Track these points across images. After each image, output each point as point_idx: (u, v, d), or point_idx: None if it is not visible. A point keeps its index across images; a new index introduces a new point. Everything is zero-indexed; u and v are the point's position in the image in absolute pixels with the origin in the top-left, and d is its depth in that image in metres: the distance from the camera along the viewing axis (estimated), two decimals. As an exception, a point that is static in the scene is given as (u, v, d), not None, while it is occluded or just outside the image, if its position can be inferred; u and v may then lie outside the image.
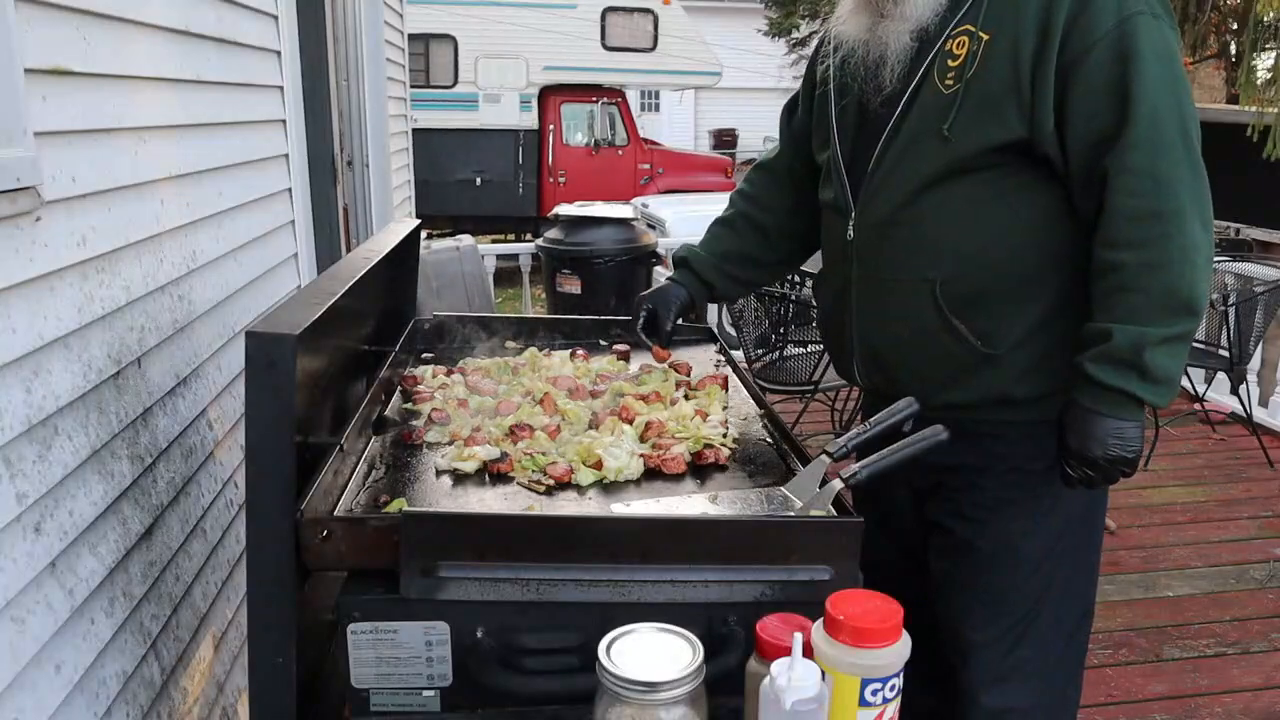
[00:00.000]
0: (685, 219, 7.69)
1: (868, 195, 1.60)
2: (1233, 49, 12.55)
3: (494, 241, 9.80)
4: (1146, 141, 1.37)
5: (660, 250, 6.30)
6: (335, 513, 1.30)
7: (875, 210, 1.59)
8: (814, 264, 1.89)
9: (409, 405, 1.72)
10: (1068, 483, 1.49)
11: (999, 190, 1.50)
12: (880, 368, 1.67)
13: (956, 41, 1.48)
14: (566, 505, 1.38)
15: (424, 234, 2.86)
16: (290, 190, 2.81)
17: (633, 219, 6.11)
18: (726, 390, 1.80)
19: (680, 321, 1.93)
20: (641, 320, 1.89)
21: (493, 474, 1.46)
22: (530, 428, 1.57)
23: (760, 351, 4.39)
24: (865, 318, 1.65)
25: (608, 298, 5.72)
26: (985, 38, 1.45)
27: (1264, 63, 9.77)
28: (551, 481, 1.42)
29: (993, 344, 1.53)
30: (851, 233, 1.64)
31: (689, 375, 1.87)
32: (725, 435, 1.57)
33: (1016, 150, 1.46)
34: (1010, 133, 1.45)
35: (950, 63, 1.48)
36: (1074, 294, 1.49)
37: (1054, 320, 1.51)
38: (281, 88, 2.74)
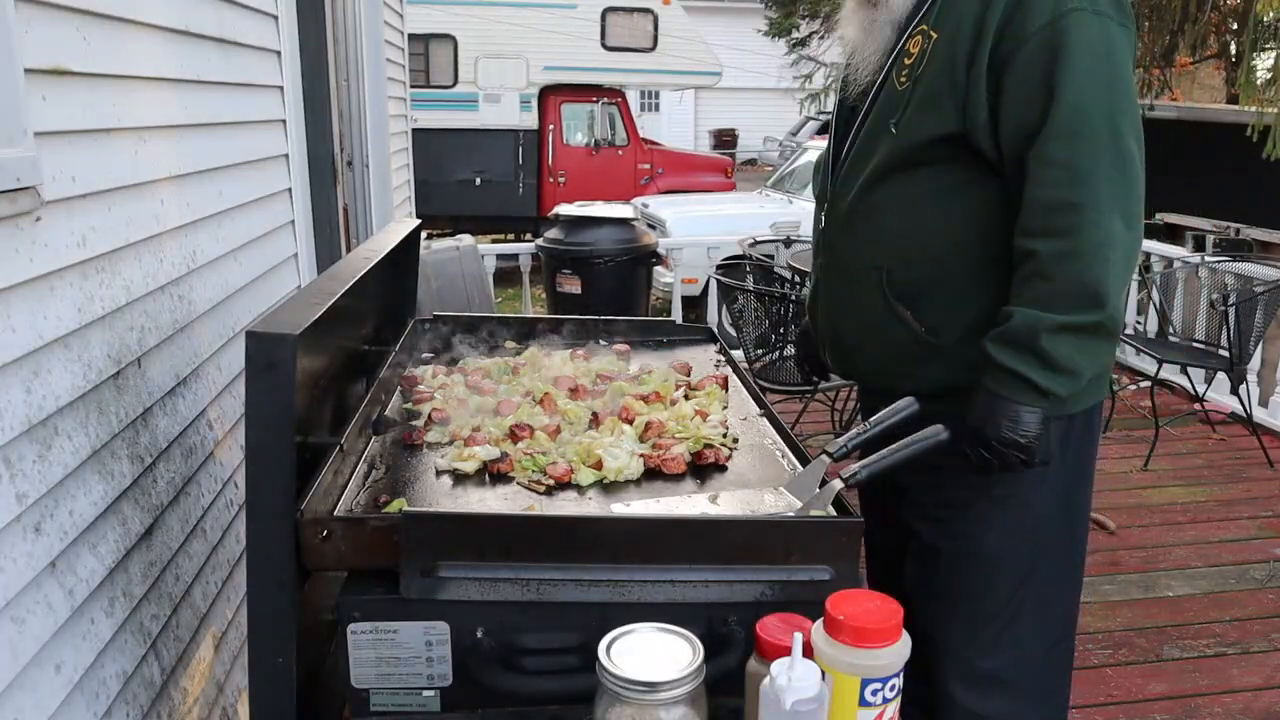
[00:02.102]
0: (685, 219, 7.68)
1: (836, 186, 1.66)
2: (1233, 49, 12.54)
3: (494, 241, 9.79)
4: (1067, 134, 1.38)
5: (660, 250, 6.30)
6: (335, 513, 1.30)
7: (841, 201, 1.65)
8: (809, 261, 1.93)
9: (409, 405, 1.72)
10: (968, 466, 1.49)
11: (944, 185, 1.53)
12: (844, 354, 1.73)
13: (914, 40, 1.52)
14: (566, 505, 1.38)
15: (424, 234, 2.86)
16: (290, 190, 2.81)
17: (633, 219, 6.11)
18: (726, 390, 1.80)
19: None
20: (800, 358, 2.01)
21: (493, 474, 1.46)
22: (530, 428, 1.57)
23: (760, 351, 4.39)
24: (830, 305, 1.71)
25: (608, 298, 5.72)
26: (934, 36, 1.49)
27: (1264, 63, 9.76)
28: (551, 481, 1.42)
29: (938, 334, 1.56)
30: (824, 221, 1.70)
31: (689, 375, 1.87)
32: (725, 435, 1.57)
33: (955, 144, 1.49)
34: (945, 126, 1.48)
35: (906, 60, 1.53)
36: None
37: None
38: (281, 88, 2.74)
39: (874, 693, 0.99)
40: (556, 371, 1.86)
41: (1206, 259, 5.43)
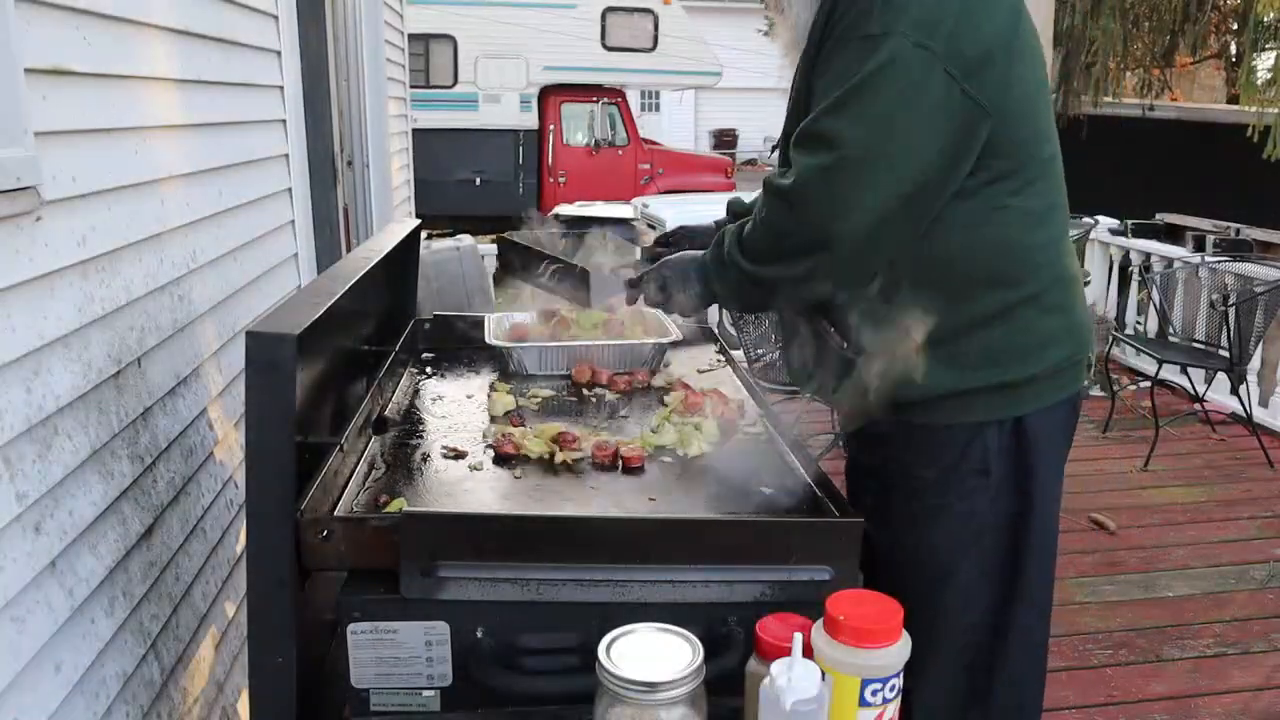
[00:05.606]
0: (685, 219, 7.69)
1: None
2: (1233, 49, 12.55)
3: (494, 241, 9.78)
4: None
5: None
6: (335, 513, 1.30)
7: None
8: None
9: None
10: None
11: None
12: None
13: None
14: (567, 505, 1.38)
15: (424, 234, 2.86)
16: (290, 190, 2.82)
17: (633, 219, 6.12)
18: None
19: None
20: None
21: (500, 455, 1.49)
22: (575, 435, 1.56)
23: (760, 351, 4.39)
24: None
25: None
26: (811, 52, 1.44)
27: (1264, 63, 9.78)
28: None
29: (858, 348, 1.46)
30: None
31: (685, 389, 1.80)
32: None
33: None
34: None
35: (798, 77, 1.48)
36: (944, 300, 1.40)
37: (929, 324, 1.41)
38: (281, 88, 2.74)
39: (874, 693, 0.99)
40: None
41: (1206, 259, 5.42)
